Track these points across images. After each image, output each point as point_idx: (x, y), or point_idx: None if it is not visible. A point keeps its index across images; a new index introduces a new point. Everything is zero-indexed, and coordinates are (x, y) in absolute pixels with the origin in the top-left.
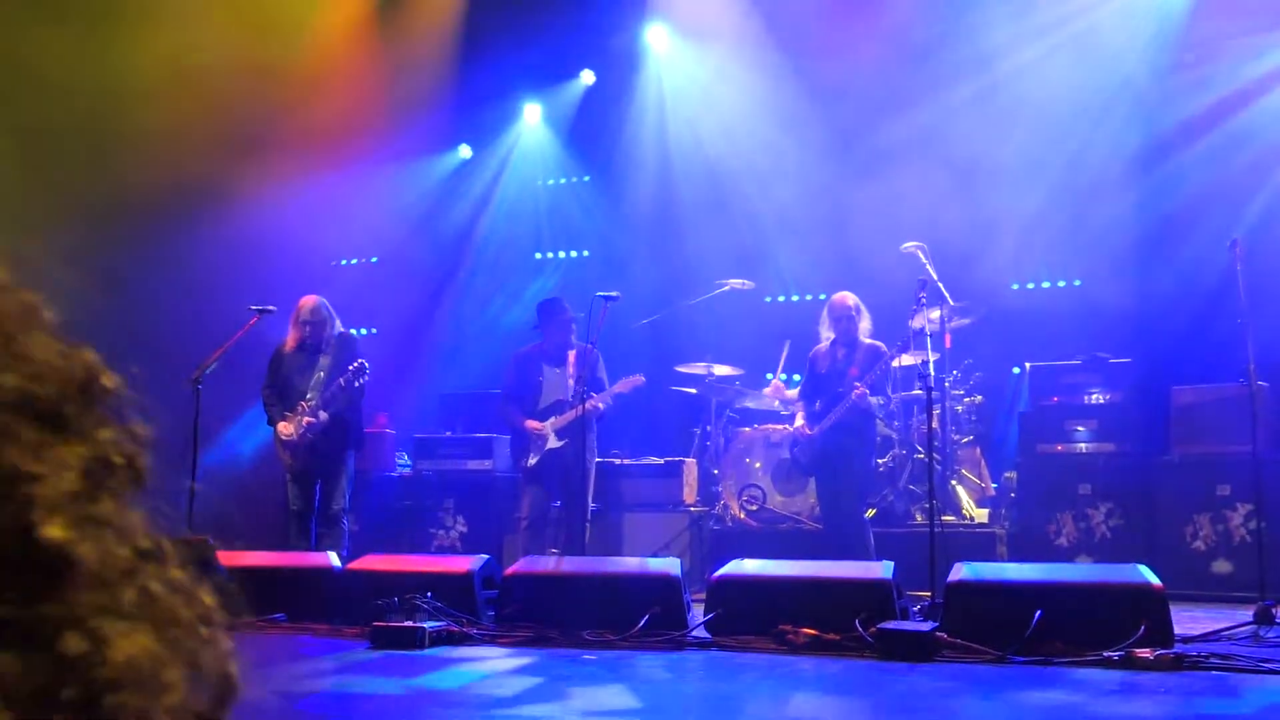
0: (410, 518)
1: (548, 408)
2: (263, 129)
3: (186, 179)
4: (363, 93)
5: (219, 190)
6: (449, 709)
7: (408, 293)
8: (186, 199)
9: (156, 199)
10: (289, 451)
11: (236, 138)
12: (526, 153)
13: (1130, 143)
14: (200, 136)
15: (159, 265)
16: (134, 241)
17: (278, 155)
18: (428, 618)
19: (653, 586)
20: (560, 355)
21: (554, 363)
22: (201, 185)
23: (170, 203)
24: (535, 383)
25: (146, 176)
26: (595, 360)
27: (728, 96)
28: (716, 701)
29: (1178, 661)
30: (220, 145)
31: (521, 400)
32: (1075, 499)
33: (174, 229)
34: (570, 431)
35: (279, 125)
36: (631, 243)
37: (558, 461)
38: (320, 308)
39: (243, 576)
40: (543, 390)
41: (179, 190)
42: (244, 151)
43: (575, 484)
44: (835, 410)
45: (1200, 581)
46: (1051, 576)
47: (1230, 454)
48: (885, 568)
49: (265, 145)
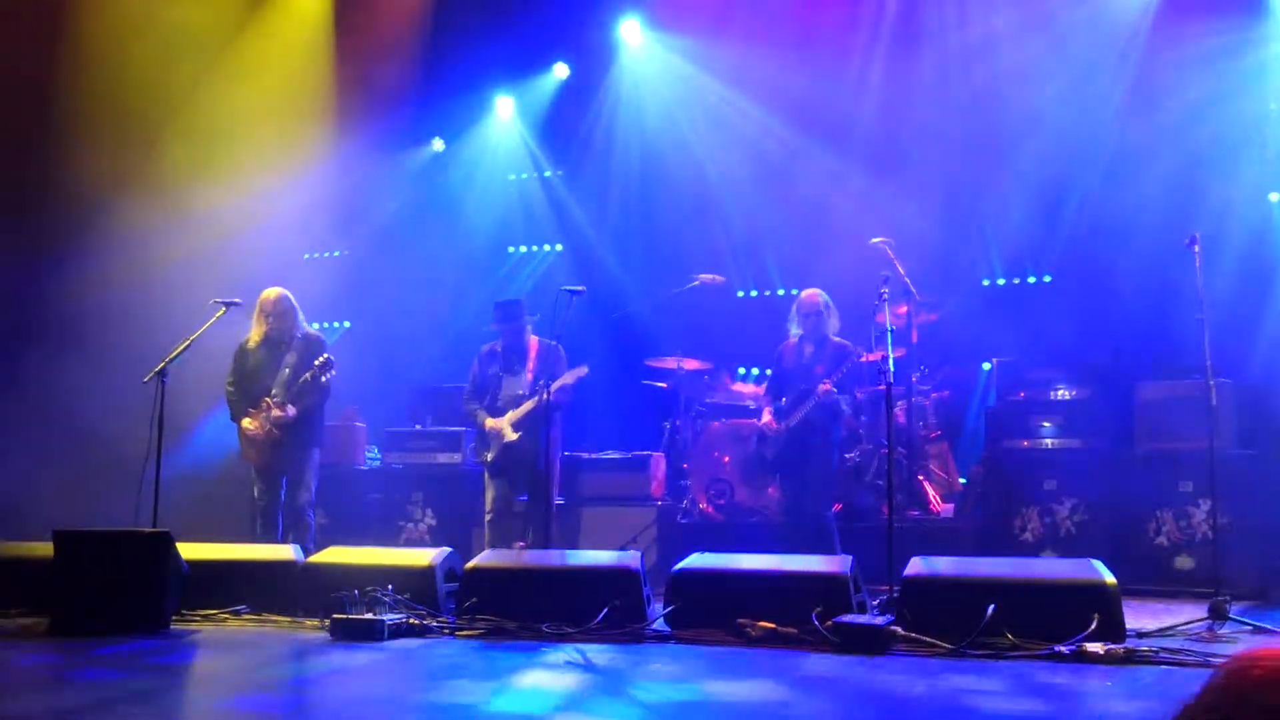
0: (379, 511)
1: (506, 403)
2: (228, 121)
3: (148, 170)
4: (332, 85)
5: (186, 184)
6: (395, 701)
7: (379, 286)
8: (151, 191)
9: (118, 190)
10: (254, 448)
11: (201, 129)
12: (499, 146)
13: (1102, 139)
14: (163, 127)
15: (123, 258)
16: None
17: (244, 148)
18: (388, 610)
19: (613, 580)
20: (519, 353)
21: (513, 360)
22: (166, 178)
23: (133, 195)
24: (495, 379)
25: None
26: (556, 356)
27: (700, 91)
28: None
29: (1127, 656)
30: (184, 137)
31: (482, 396)
32: (1040, 494)
33: (138, 223)
34: (526, 426)
35: (246, 117)
36: (604, 237)
37: (516, 456)
38: (283, 299)
39: (205, 569)
40: (502, 386)
41: (142, 183)
42: (209, 144)
43: (538, 478)
44: (802, 407)
45: (1163, 577)
46: (1006, 571)
47: (1193, 450)
48: (844, 562)
49: (231, 137)
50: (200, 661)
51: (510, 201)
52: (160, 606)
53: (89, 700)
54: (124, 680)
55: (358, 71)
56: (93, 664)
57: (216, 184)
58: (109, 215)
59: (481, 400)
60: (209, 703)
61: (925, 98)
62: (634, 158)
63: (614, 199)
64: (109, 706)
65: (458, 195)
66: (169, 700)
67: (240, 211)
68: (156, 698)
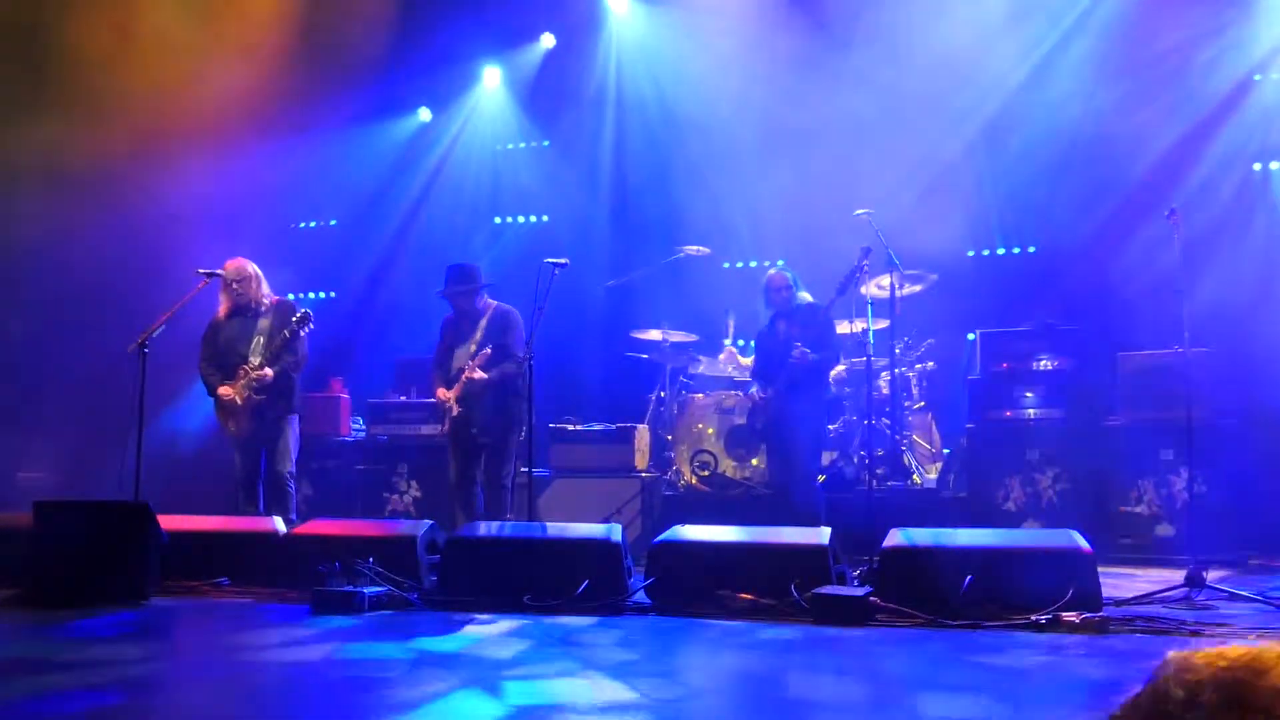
0: (364, 482)
1: (456, 374)
2: (216, 90)
3: (138, 143)
4: (319, 54)
5: (174, 154)
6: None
7: (366, 256)
8: (141, 164)
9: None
10: (232, 419)
11: (189, 99)
12: (486, 116)
13: (1081, 110)
14: (151, 99)
15: (111, 231)
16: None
17: (232, 117)
18: (369, 583)
19: (594, 552)
20: (470, 321)
21: (464, 328)
22: (155, 150)
23: (124, 168)
24: (450, 349)
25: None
26: (507, 324)
27: (687, 60)
28: (637, 664)
29: (1103, 625)
30: (173, 108)
31: (442, 365)
32: (1023, 464)
33: (127, 194)
34: (466, 399)
35: (232, 86)
36: (591, 208)
37: (462, 429)
38: (245, 266)
39: (187, 541)
40: (454, 356)
41: (132, 156)
42: (197, 114)
43: (490, 451)
44: (781, 374)
45: (1144, 545)
46: (984, 542)
47: (1173, 419)
48: (823, 534)
49: (219, 107)
50: (179, 634)
51: (497, 172)
52: (140, 579)
53: (65, 673)
54: (101, 652)
55: (342, 40)
56: (71, 636)
57: (190, 153)
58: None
59: (442, 369)
60: (185, 675)
61: (915, 69)
62: (620, 128)
63: (601, 170)
64: (85, 679)
65: (444, 165)
66: (145, 672)
67: (230, 181)
68: (133, 670)
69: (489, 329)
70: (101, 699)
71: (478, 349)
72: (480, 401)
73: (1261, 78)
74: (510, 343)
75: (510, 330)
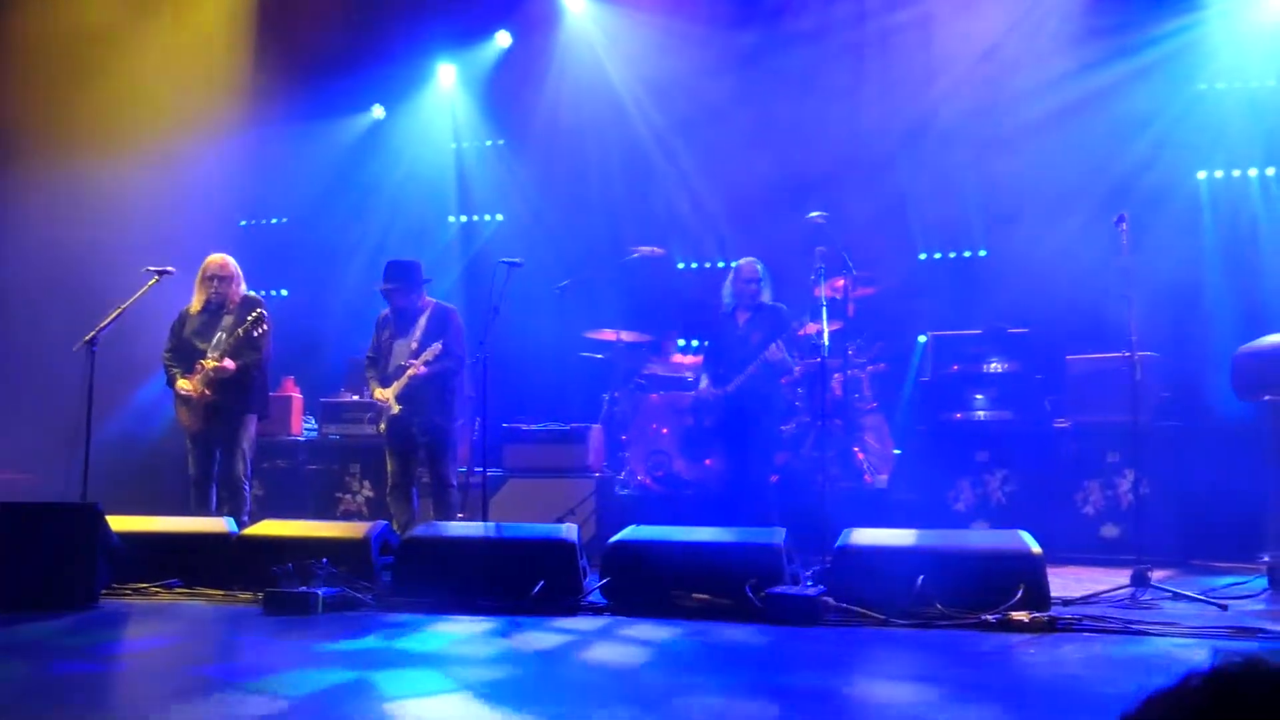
0: (317, 482)
1: (394, 373)
2: (164, 83)
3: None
4: (270, 49)
5: (119, 148)
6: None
7: (318, 255)
8: (83, 157)
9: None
10: (190, 411)
11: (136, 92)
12: (440, 115)
13: (1036, 113)
14: (98, 89)
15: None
16: None
17: (180, 111)
18: (322, 584)
19: (549, 552)
20: (409, 318)
21: (402, 325)
22: (100, 142)
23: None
24: (388, 345)
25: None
26: (445, 321)
27: (643, 60)
28: (598, 668)
29: (1051, 624)
30: (119, 99)
31: (378, 364)
32: (973, 465)
33: (70, 188)
34: (407, 397)
35: (181, 79)
36: (545, 207)
37: (402, 428)
38: (227, 264)
39: (138, 542)
40: (392, 354)
41: (74, 146)
42: (145, 106)
43: (433, 451)
44: (746, 370)
45: (1090, 545)
46: (935, 542)
47: (1119, 422)
48: (777, 534)
49: (166, 100)
50: (128, 638)
51: (451, 170)
52: (89, 581)
53: (10, 679)
54: (47, 658)
55: (294, 36)
56: (16, 641)
57: (138, 148)
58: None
59: (378, 368)
60: (134, 681)
61: (867, 72)
62: (575, 127)
63: (555, 169)
64: (30, 686)
65: (398, 163)
66: (93, 679)
67: (166, 178)
68: (80, 676)
69: (429, 327)
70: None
71: (419, 346)
72: (423, 400)
73: (1207, 86)
74: (449, 341)
75: (450, 328)
